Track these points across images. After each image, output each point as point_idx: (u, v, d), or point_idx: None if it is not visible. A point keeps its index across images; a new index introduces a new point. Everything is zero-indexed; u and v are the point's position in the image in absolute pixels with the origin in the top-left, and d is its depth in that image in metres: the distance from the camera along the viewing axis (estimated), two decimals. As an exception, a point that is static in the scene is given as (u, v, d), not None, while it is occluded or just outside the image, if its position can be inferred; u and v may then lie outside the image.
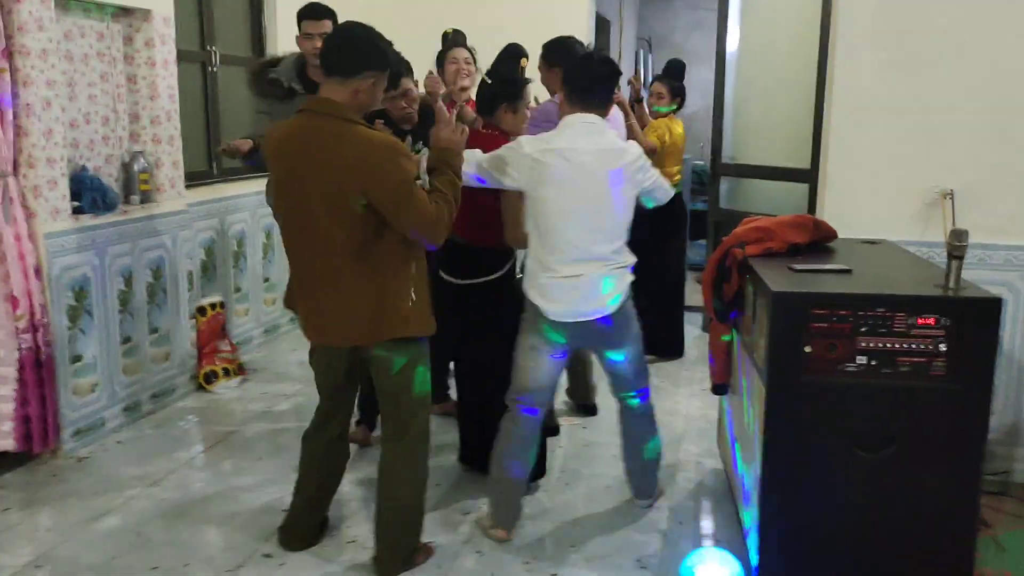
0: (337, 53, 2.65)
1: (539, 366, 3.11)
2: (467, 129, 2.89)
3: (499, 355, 3.44)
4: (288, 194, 2.71)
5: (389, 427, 2.92)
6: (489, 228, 3.34)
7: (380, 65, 2.67)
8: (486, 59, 4.25)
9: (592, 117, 3.02)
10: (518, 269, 3.51)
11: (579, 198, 2.96)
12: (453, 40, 4.36)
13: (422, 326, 2.80)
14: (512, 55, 3.65)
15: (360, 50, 2.64)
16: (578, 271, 2.97)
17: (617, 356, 3.16)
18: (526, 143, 3.01)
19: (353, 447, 3.39)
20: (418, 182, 2.70)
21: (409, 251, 2.74)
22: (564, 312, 3.00)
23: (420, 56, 4.15)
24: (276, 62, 4.07)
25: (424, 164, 2.84)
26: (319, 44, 3.14)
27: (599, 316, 3.01)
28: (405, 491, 2.92)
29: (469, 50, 4.22)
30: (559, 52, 3.76)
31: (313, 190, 2.61)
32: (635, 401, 3.26)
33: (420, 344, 2.85)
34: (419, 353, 2.84)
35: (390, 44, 2.80)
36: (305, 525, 3.11)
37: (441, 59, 4.33)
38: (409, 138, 3.62)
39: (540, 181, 2.96)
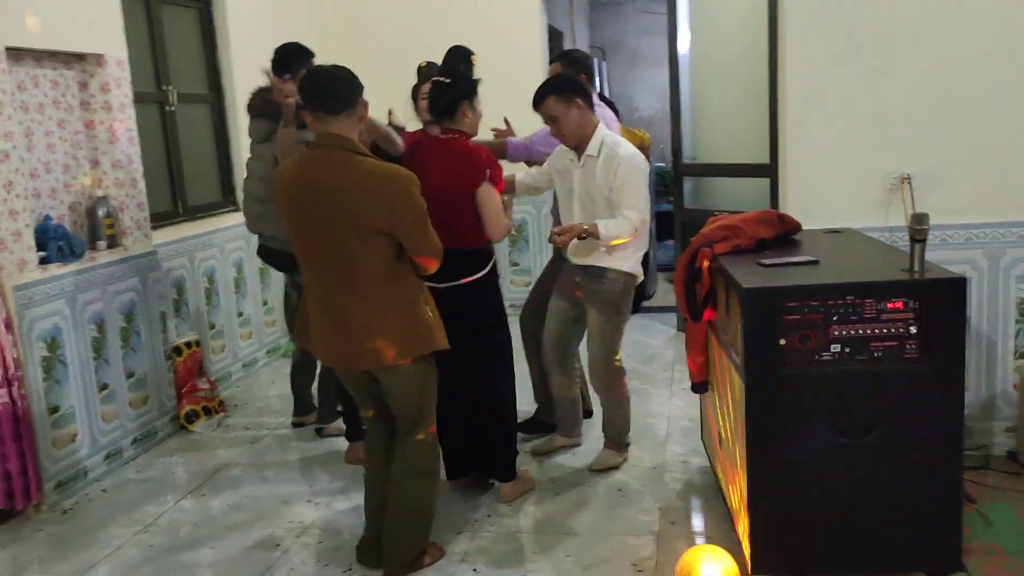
0: (330, 92, 2.78)
1: None
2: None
3: (484, 358, 3.47)
4: (313, 227, 2.81)
5: (406, 427, 3.01)
6: (466, 231, 3.37)
7: (361, 96, 2.85)
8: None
9: None
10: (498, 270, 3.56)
11: None
12: (427, 74, 4.34)
13: (444, 339, 2.97)
14: (461, 54, 3.65)
15: (346, 86, 2.80)
16: None
17: None
18: (624, 144, 3.52)
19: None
20: None
21: (416, 270, 2.92)
22: None
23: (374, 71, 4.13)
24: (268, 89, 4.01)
25: None
26: None
27: None
28: (418, 488, 3.01)
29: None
30: (581, 62, 4.08)
31: (342, 220, 2.74)
32: None
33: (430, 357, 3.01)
34: (430, 362, 3.02)
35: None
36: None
37: (415, 93, 4.32)
38: None
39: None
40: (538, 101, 3.56)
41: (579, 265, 3.65)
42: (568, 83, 3.60)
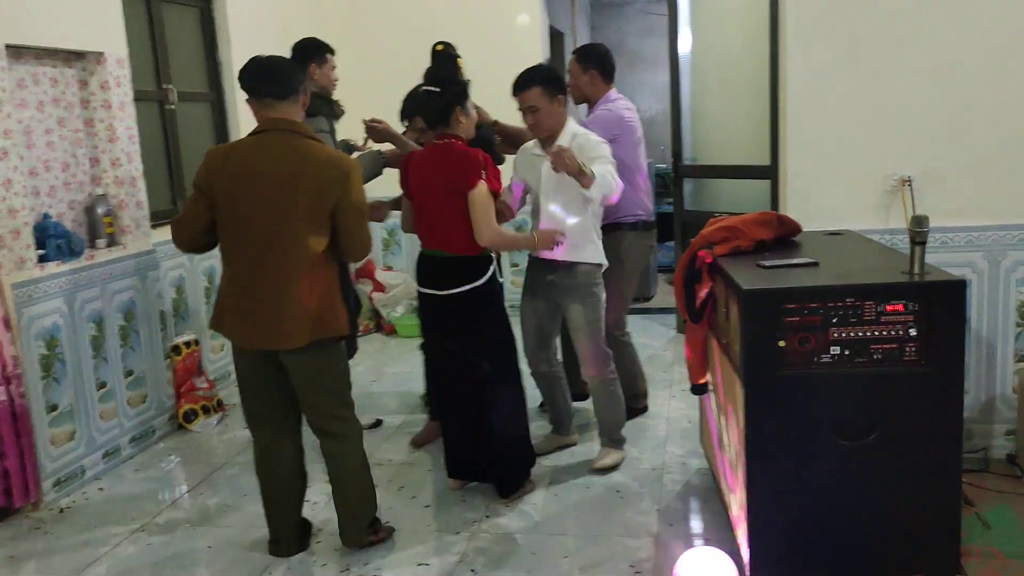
0: (276, 77, 2.89)
1: None
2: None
3: (483, 367, 3.46)
4: (254, 209, 2.84)
5: (319, 417, 3.11)
6: (462, 236, 3.36)
7: (303, 82, 2.98)
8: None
9: None
10: (500, 275, 3.54)
11: None
12: (443, 57, 4.36)
13: (346, 327, 3.05)
14: (448, 57, 3.65)
15: (292, 72, 2.93)
16: None
17: None
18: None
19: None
20: None
21: (336, 262, 3.01)
22: None
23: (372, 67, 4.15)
24: None
25: None
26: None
27: None
28: (350, 464, 3.15)
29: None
30: (594, 56, 4.12)
31: (295, 202, 2.81)
32: None
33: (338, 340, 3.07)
34: (340, 346, 3.10)
35: None
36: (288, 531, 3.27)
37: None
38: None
39: None
40: (522, 87, 3.58)
41: (549, 263, 3.66)
42: (557, 78, 3.64)
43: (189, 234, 3.01)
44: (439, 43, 4.37)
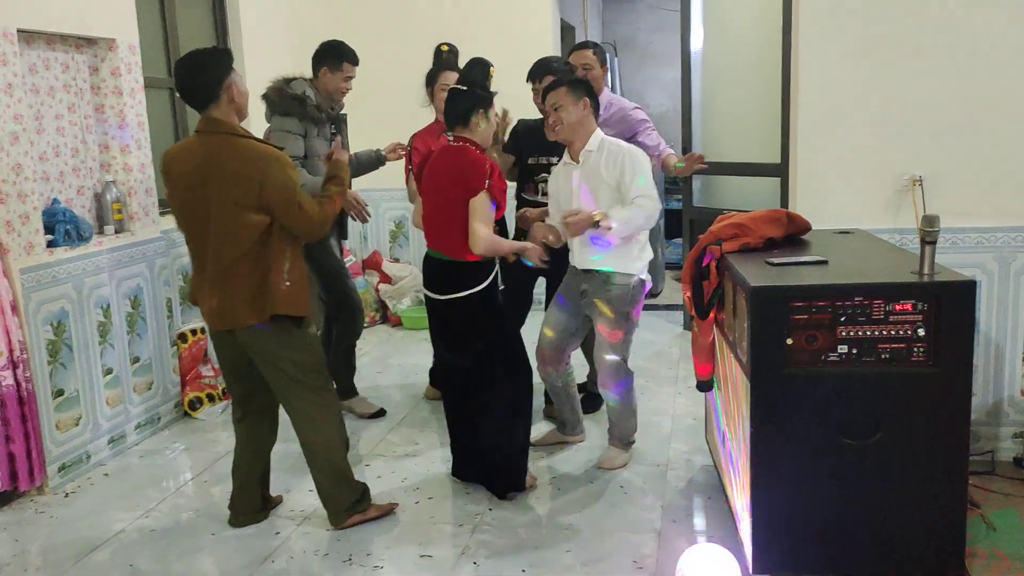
0: (189, 92, 3.05)
1: None
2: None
3: (482, 379, 3.44)
4: (195, 204, 3.05)
5: (281, 397, 3.25)
6: (463, 241, 3.34)
7: (227, 71, 3.04)
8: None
9: None
10: (500, 282, 3.52)
11: None
12: (447, 59, 4.36)
13: (296, 307, 3.12)
14: (481, 63, 3.67)
15: (202, 82, 3.01)
16: None
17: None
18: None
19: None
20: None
21: (286, 244, 3.10)
22: None
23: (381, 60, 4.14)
24: (289, 81, 4.16)
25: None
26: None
27: None
28: (318, 446, 3.26)
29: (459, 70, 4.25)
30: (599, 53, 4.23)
31: (224, 198, 2.98)
32: None
33: (297, 321, 3.17)
34: (298, 326, 3.18)
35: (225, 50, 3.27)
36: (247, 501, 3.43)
37: (433, 78, 4.33)
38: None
39: None
40: (551, 87, 3.58)
41: (584, 271, 3.63)
42: (584, 82, 3.65)
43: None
44: (443, 44, 4.38)
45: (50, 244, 3.79)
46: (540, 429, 4.11)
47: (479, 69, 3.56)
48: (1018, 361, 3.61)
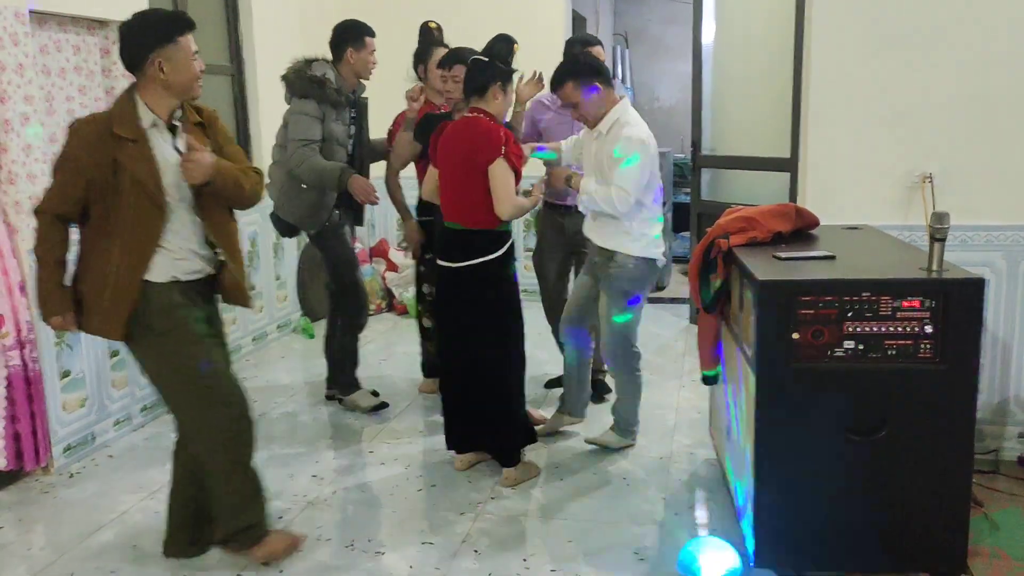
0: (121, 49, 2.67)
1: None
2: None
3: (487, 343, 3.47)
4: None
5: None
6: (480, 210, 3.38)
7: (157, 42, 2.62)
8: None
9: None
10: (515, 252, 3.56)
11: None
12: (435, 36, 4.37)
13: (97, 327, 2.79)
14: (506, 39, 3.66)
15: (138, 36, 2.64)
16: None
17: None
18: (633, 125, 3.51)
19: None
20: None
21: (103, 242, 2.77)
22: None
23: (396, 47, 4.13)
24: (311, 63, 4.10)
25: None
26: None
27: None
28: (203, 466, 2.92)
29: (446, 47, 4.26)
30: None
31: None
32: None
33: (162, 335, 2.82)
34: (161, 341, 2.83)
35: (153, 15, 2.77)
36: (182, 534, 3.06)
37: (424, 55, 4.32)
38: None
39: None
40: (557, 86, 3.57)
41: (596, 246, 3.69)
42: (587, 66, 3.60)
43: None
44: (430, 21, 4.39)
45: (59, 225, 3.78)
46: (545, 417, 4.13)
47: (503, 44, 3.54)
48: (1025, 360, 3.60)
